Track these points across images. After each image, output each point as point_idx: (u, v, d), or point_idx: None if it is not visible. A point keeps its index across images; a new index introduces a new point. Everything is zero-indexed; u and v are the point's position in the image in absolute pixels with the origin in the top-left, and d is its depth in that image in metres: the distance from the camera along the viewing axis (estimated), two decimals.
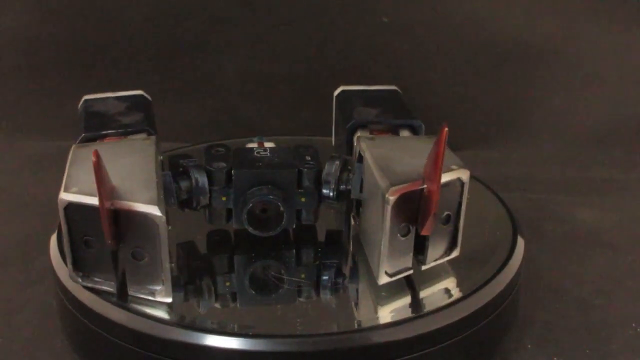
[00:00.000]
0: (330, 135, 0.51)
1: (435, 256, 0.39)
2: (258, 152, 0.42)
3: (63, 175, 0.37)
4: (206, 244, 0.43)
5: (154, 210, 0.34)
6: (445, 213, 0.37)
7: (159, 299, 0.36)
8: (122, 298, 0.37)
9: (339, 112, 0.47)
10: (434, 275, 0.40)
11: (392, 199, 0.35)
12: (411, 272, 0.38)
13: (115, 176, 0.35)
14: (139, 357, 0.36)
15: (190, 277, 0.40)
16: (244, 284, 0.40)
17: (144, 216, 0.34)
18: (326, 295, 0.39)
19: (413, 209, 0.36)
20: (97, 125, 0.43)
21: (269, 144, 0.44)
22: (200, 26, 0.71)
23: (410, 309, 0.37)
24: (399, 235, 0.36)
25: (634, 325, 0.45)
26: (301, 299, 0.38)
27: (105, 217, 0.33)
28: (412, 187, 0.35)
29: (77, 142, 0.41)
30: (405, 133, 0.44)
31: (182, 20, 0.71)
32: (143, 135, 0.42)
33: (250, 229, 0.40)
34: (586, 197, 0.62)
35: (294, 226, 0.42)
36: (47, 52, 0.72)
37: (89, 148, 0.38)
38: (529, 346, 0.43)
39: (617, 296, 0.48)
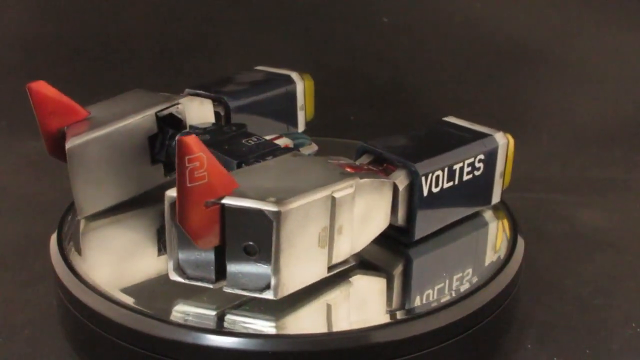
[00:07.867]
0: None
1: (238, 284, 0.35)
2: (246, 141, 0.42)
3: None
4: None
5: (67, 144, 0.41)
6: (248, 243, 0.34)
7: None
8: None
9: None
10: (434, 275, 0.40)
11: (167, 195, 0.34)
12: (211, 286, 0.35)
13: (100, 115, 0.43)
14: (139, 357, 0.36)
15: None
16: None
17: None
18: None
19: None
20: (208, 86, 0.48)
21: (281, 140, 0.44)
22: (200, 26, 0.71)
23: (409, 309, 0.37)
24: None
25: (634, 325, 0.45)
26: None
27: (43, 134, 0.42)
28: None
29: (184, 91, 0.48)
30: (399, 175, 0.40)
31: (182, 20, 0.71)
32: (194, 99, 0.46)
33: None
34: (586, 197, 0.62)
35: None
36: (47, 52, 0.72)
37: (131, 92, 0.46)
38: (529, 346, 0.43)
39: (617, 296, 0.48)
